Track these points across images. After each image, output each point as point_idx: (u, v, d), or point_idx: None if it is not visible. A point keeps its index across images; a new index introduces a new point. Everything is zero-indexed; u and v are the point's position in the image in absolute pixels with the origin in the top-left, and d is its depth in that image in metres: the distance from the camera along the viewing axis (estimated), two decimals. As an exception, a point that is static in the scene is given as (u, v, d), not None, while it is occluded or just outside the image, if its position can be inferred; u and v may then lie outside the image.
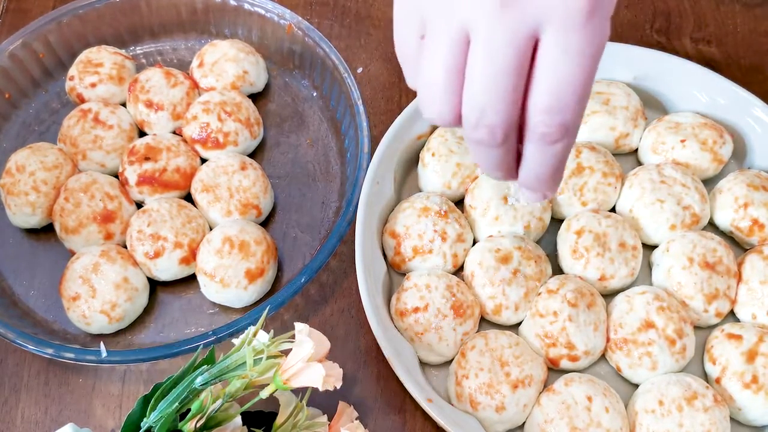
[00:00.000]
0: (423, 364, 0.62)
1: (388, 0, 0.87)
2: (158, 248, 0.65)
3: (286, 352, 0.48)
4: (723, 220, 0.68)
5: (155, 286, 0.68)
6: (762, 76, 0.80)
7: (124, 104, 0.77)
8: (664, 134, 0.70)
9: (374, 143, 0.69)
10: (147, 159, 0.70)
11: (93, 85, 0.75)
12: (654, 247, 0.68)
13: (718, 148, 0.69)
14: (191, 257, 0.66)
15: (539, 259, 0.64)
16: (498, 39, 0.36)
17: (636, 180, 0.68)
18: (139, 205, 0.71)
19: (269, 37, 0.80)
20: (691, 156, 0.69)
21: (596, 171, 0.68)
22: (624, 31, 0.85)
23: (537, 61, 0.36)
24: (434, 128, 0.71)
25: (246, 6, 0.79)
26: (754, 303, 0.63)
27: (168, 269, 0.66)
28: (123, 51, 0.79)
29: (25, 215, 0.69)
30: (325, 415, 0.56)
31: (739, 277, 0.64)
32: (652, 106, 0.75)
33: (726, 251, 0.64)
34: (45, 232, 0.71)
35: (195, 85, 0.77)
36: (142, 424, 0.48)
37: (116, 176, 0.72)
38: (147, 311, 0.67)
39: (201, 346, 0.58)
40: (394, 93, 0.80)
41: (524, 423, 0.59)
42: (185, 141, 0.73)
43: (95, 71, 0.76)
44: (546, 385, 0.60)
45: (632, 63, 0.73)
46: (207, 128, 0.72)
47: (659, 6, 0.87)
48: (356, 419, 0.55)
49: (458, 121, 0.40)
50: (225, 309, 0.67)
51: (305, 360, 0.46)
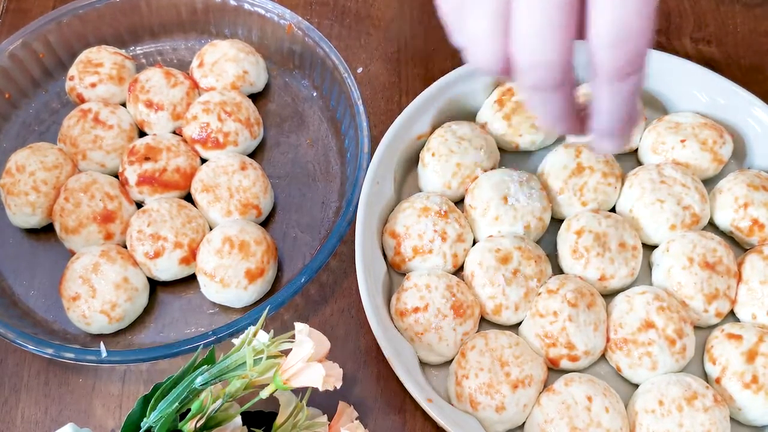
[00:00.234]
0: (423, 364, 0.62)
1: (388, 0, 0.87)
2: (158, 248, 0.65)
3: (286, 352, 0.48)
4: (723, 220, 0.68)
5: (155, 286, 0.68)
6: (762, 76, 0.80)
7: (124, 104, 0.77)
8: (664, 134, 0.70)
9: (374, 143, 0.69)
10: (147, 159, 0.70)
11: (93, 85, 0.75)
12: (654, 247, 0.68)
13: (718, 148, 0.69)
14: (191, 257, 0.66)
15: (539, 259, 0.64)
16: None
17: (636, 180, 0.68)
18: (139, 205, 0.71)
19: (269, 37, 0.81)
20: (691, 156, 0.69)
21: (596, 171, 0.68)
22: (624, 31, 0.84)
23: None
24: (434, 128, 0.72)
25: (246, 6, 0.79)
26: (754, 303, 0.63)
27: (168, 269, 0.66)
28: (123, 51, 0.79)
29: (25, 215, 0.69)
30: (325, 415, 0.56)
31: (739, 277, 0.64)
32: (652, 106, 0.75)
33: (726, 251, 0.64)
34: (45, 232, 0.71)
35: (195, 85, 0.77)
36: (142, 424, 0.48)
37: (116, 176, 0.72)
38: (147, 311, 0.67)
39: (201, 346, 0.58)
40: (394, 93, 0.80)
41: (524, 423, 0.59)
42: (185, 141, 0.73)
43: (95, 71, 0.76)
44: (546, 385, 0.60)
45: (632, 63, 0.73)
46: (207, 128, 0.72)
47: (659, 6, 0.87)
48: (356, 419, 0.55)
49: (508, 68, 0.37)
50: (225, 309, 0.67)
51: (305, 360, 0.46)
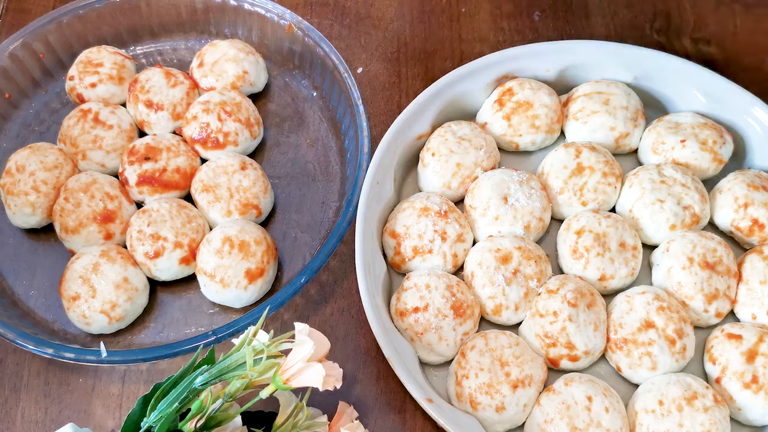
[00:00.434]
0: (423, 364, 0.62)
1: (388, 0, 0.87)
2: (158, 248, 0.65)
3: (286, 352, 0.48)
4: (723, 220, 0.68)
5: (155, 286, 0.68)
6: (762, 76, 0.80)
7: (124, 104, 0.77)
8: (664, 134, 0.70)
9: (374, 143, 0.69)
10: (147, 159, 0.70)
11: (93, 85, 0.75)
12: (654, 247, 0.68)
13: (718, 148, 0.69)
14: (191, 257, 0.66)
15: (539, 259, 0.64)
16: None
17: (636, 180, 0.68)
18: (139, 205, 0.71)
19: (269, 37, 0.81)
20: (691, 156, 0.69)
21: (596, 171, 0.68)
22: (624, 31, 0.85)
23: None
24: (434, 128, 0.72)
25: (246, 6, 0.79)
26: (754, 303, 0.63)
27: (168, 269, 0.66)
28: (123, 51, 0.79)
29: (25, 215, 0.69)
30: (325, 415, 0.56)
31: (739, 277, 0.64)
32: (652, 106, 0.75)
33: (726, 251, 0.64)
34: (45, 232, 0.71)
35: (195, 85, 0.77)
36: (142, 424, 0.48)
37: (116, 176, 0.72)
38: (147, 311, 0.67)
39: (201, 346, 0.58)
40: (394, 93, 0.80)
41: (524, 423, 0.59)
42: (185, 141, 0.73)
43: (95, 71, 0.76)
44: (546, 385, 0.60)
45: (632, 63, 0.73)
46: (207, 128, 0.72)
47: (659, 6, 0.87)
48: (356, 419, 0.55)
49: None
50: (225, 309, 0.67)
51: (305, 360, 0.46)
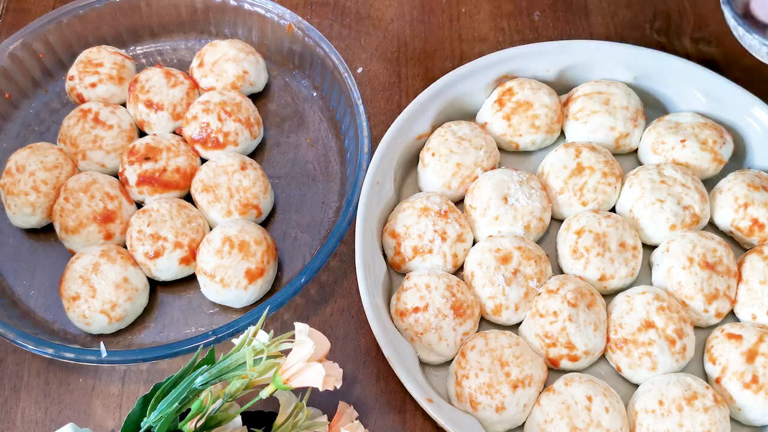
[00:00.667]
0: (423, 364, 0.62)
1: (388, 0, 0.87)
2: (158, 248, 0.65)
3: (286, 352, 0.48)
4: (723, 220, 0.68)
5: (155, 286, 0.68)
6: (762, 76, 0.80)
7: (124, 104, 0.77)
8: (664, 134, 0.70)
9: (374, 143, 0.69)
10: (147, 159, 0.70)
11: (93, 85, 0.75)
12: (654, 247, 0.68)
13: (718, 148, 0.69)
14: (191, 257, 0.66)
15: (539, 259, 0.64)
16: None
17: (636, 180, 0.68)
18: (139, 205, 0.71)
19: (269, 37, 0.81)
20: (691, 156, 0.69)
21: (596, 171, 0.68)
22: (624, 31, 0.85)
23: None
24: (434, 128, 0.72)
25: (246, 6, 0.79)
26: (754, 303, 0.63)
27: (168, 269, 0.66)
28: (123, 51, 0.79)
29: (25, 215, 0.69)
30: (325, 415, 0.56)
31: (739, 277, 0.64)
32: (652, 106, 0.75)
33: (726, 251, 0.64)
34: (45, 232, 0.71)
35: (195, 85, 0.77)
36: (142, 424, 0.48)
37: (116, 176, 0.72)
38: (147, 311, 0.67)
39: (201, 346, 0.58)
40: (394, 93, 0.80)
41: (524, 423, 0.59)
42: (185, 141, 0.73)
43: (95, 71, 0.76)
44: (546, 385, 0.60)
45: (632, 63, 0.73)
46: (207, 128, 0.72)
47: (659, 6, 0.87)
48: (356, 419, 0.55)
49: None
50: (225, 309, 0.67)
51: (305, 360, 0.46)
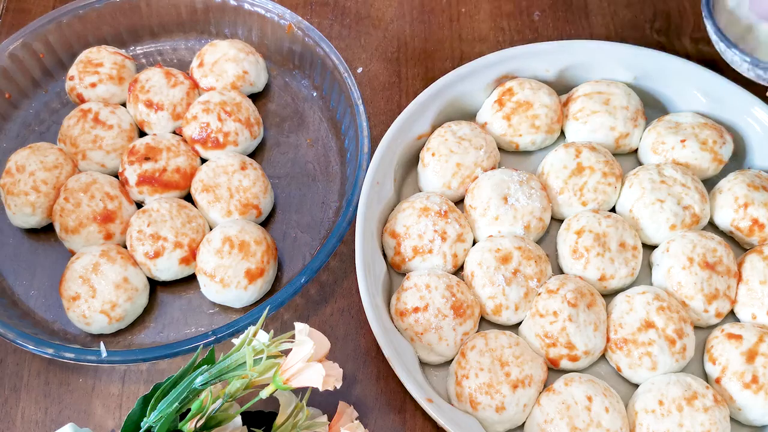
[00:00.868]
0: (423, 364, 0.62)
1: (388, 0, 0.87)
2: (158, 248, 0.65)
3: (286, 352, 0.48)
4: (723, 220, 0.68)
5: (155, 286, 0.68)
6: (762, 76, 0.80)
7: (124, 104, 0.77)
8: (664, 134, 0.70)
9: (374, 143, 0.69)
10: (147, 159, 0.70)
11: (93, 85, 0.75)
12: (654, 247, 0.68)
13: (718, 148, 0.69)
14: (191, 257, 0.66)
15: (539, 259, 0.64)
16: None
17: (636, 180, 0.68)
18: (139, 205, 0.71)
19: (269, 37, 0.81)
20: (691, 156, 0.69)
21: (596, 171, 0.68)
22: (624, 31, 0.85)
23: None
24: (434, 128, 0.72)
25: (246, 6, 0.79)
26: (754, 303, 0.63)
27: (168, 269, 0.66)
28: (123, 51, 0.79)
29: (25, 215, 0.69)
30: (325, 415, 0.56)
31: (739, 277, 0.64)
32: (652, 106, 0.75)
33: (726, 251, 0.64)
34: (45, 232, 0.71)
35: (195, 85, 0.77)
36: (142, 424, 0.48)
37: (116, 176, 0.72)
38: (147, 311, 0.67)
39: (201, 346, 0.58)
40: (394, 93, 0.80)
41: (524, 423, 0.59)
42: (185, 141, 0.73)
43: (95, 71, 0.76)
44: (546, 385, 0.60)
45: (632, 63, 0.73)
46: (207, 128, 0.72)
47: (659, 6, 0.87)
48: (356, 419, 0.55)
49: None
50: (225, 309, 0.67)
51: (305, 360, 0.46)
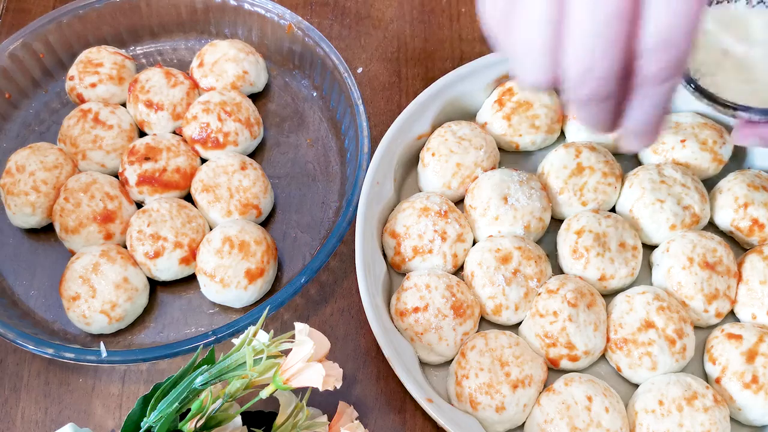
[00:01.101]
0: (423, 364, 0.62)
1: (388, 0, 0.87)
2: (158, 248, 0.65)
3: (286, 352, 0.48)
4: (723, 220, 0.68)
5: (155, 286, 0.68)
6: (762, 76, 0.80)
7: (124, 104, 0.77)
8: (664, 134, 0.70)
9: (374, 143, 0.69)
10: (147, 159, 0.70)
11: (93, 85, 0.75)
12: (654, 247, 0.68)
13: (718, 148, 0.69)
14: (191, 257, 0.66)
15: (539, 259, 0.64)
16: None
17: (636, 180, 0.68)
18: (139, 205, 0.71)
19: (269, 37, 0.81)
20: (691, 156, 0.69)
21: (596, 171, 0.68)
22: (624, 31, 0.84)
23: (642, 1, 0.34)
24: (434, 128, 0.72)
25: (246, 6, 0.79)
26: (754, 303, 0.63)
27: (168, 269, 0.66)
28: (123, 51, 0.79)
29: (25, 215, 0.69)
30: (325, 415, 0.56)
31: (739, 277, 0.64)
32: (652, 106, 0.75)
33: (726, 251, 0.64)
34: (45, 232, 0.71)
35: (195, 85, 0.77)
36: (142, 424, 0.48)
37: (116, 176, 0.72)
38: (147, 311, 0.67)
39: (201, 346, 0.58)
40: (394, 93, 0.80)
41: (524, 423, 0.59)
42: (185, 141, 0.73)
43: (95, 71, 0.76)
44: (546, 385, 0.60)
45: (632, 63, 0.73)
46: (207, 128, 0.72)
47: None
48: (356, 419, 0.55)
49: (555, 83, 0.38)
50: (225, 309, 0.67)
51: (305, 360, 0.46)
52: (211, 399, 0.47)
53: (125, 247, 0.67)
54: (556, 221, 0.69)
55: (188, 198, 0.71)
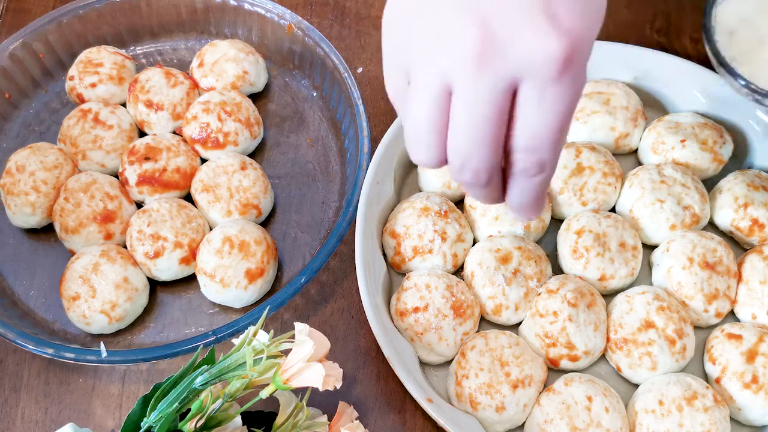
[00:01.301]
0: (423, 364, 0.62)
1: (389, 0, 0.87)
2: (158, 248, 0.65)
3: (286, 352, 0.48)
4: (723, 220, 0.68)
5: (155, 286, 0.68)
6: (762, 76, 0.80)
7: (124, 104, 0.77)
8: (664, 134, 0.70)
9: (374, 143, 0.69)
10: (147, 159, 0.70)
11: (93, 85, 0.75)
12: (654, 247, 0.68)
13: (718, 148, 0.69)
14: (191, 257, 0.66)
15: (539, 259, 0.64)
16: (477, 94, 0.37)
17: (636, 180, 0.68)
18: (139, 205, 0.71)
19: (269, 37, 0.81)
20: (691, 156, 0.69)
21: (596, 171, 0.68)
22: (624, 31, 0.84)
23: (516, 107, 0.38)
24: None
25: (246, 6, 0.79)
26: (754, 303, 0.63)
27: (168, 269, 0.66)
28: (123, 51, 0.79)
29: (25, 215, 0.69)
30: (325, 415, 0.56)
31: (739, 277, 0.64)
32: (652, 106, 0.75)
33: (726, 251, 0.64)
34: (45, 232, 0.71)
35: (195, 85, 0.77)
36: (142, 424, 0.48)
37: (116, 176, 0.72)
38: (147, 311, 0.67)
39: (201, 346, 0.58)
40: (394, 93, 0.80)
41: (524, 423, 0.59)
42: (185, 141, 0.73)
43: (95, 71, 0.76)
44: (546, 385, 0.60)
45: (632, 63, 0.73)
46: (207, 128, 0.72)
47: (659, 6, 0.87)
48: (356, 419, 0.55)
49: (444, 164, 0.41)
50: (225, 309, 0.67)
51: (305, 360, 0.46)
52: (211, 399, 0.47)
53: (125, 247, 0.67)
54: (556, 221, 0.69)
55: (188, 198, 0.71)
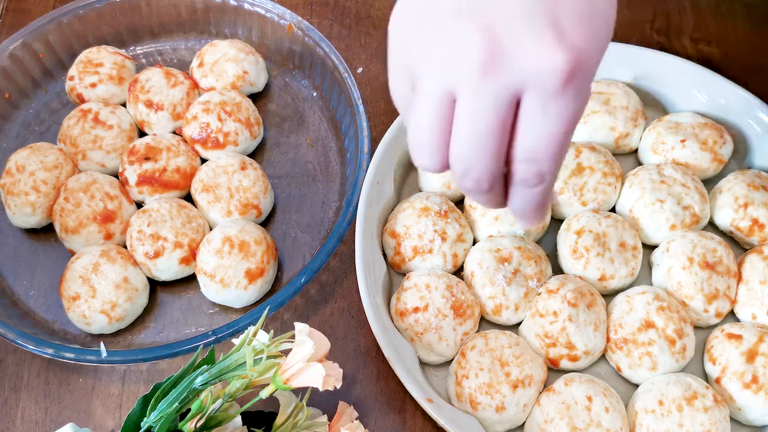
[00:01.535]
0: (423, 364, 0.62)
1: (388, 0, 0.87)
2: (158, 248, 0.65)
3: (286, 352, 0.48)
4: (723, 220, 0.68)
5: (155, 286, 0.68)
6: (762, 76, 0.80)
7: (124, 104, 0.77)
8: (664, 134, 0.70)
9: (374, 143, 0.69)
10: (147, 159, 0.70)
11: (93, 85, 0.75)
12: (654, 247, 0.68)
13: (718, 148, 0.69)
14: (191, 257, 0.66)
15: (539, 259, 0.64)
16: (481, 103, 0.37)
17: (636, 180, 0.68)
18: (139, 205, 0.71)
19: (269, 37, 0.81)
20: (691, 156, 0.69)
21: (596, 171, 0.68)
22: (624, 31, 0.84)
23: (519, 117, 0.38)
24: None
25: (246, 6, 0.79)
26: (754, 303, 0.63)
27: (168, 269, 0.66)
28: (123, 51, 0.79)
29: (25, 215, 0.69)
30: (325, 415, 0.56)
31: (739, 277, 0.64)
32: (652, 106, 0.75)
33: (726, 251, 0.64)
34: (45, 232, 0.71)
35: (195, 85, 0.77)
36: (142, 424, 0.48)
37: (116, 176, 0.72)
38: (147, 311, 0.67)
39: (201, 346, 0.58)
40: (394, 93, 0.80)
41: (524, 423, 0.59)
42: (185, 141, 0.73)
43: (95, 71, 0.76)
44: (546, 385, 0.60)
45: (632, 63, 0.73)
46: (207, 128, 0.72)
47: (659, 6, 0.87)
48: (356, 419, 0.55)
49: (446, 169, 0.41)
50: (225, 309, 0.67)
51: (305, 360, 0.46)
52: (211, 399, 0.47)
53: (125, 247, 0.67)
54: (556, 221, 0.69)
55: (188, 198, 0.71)
